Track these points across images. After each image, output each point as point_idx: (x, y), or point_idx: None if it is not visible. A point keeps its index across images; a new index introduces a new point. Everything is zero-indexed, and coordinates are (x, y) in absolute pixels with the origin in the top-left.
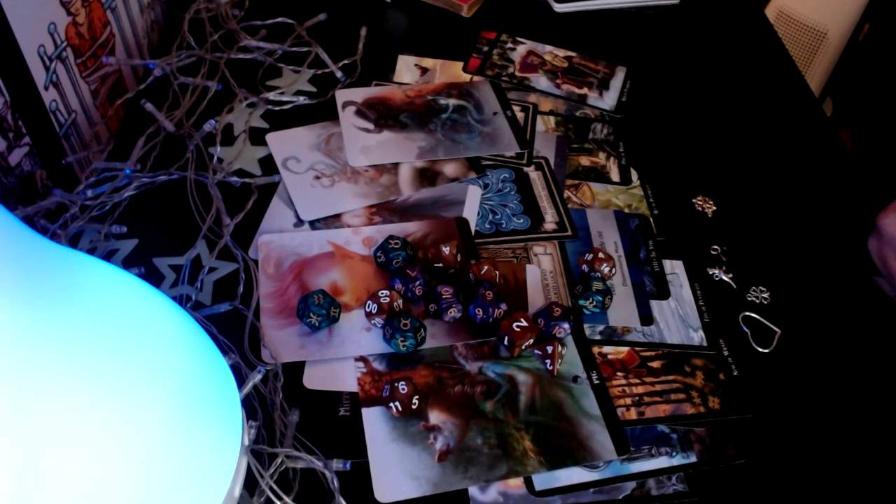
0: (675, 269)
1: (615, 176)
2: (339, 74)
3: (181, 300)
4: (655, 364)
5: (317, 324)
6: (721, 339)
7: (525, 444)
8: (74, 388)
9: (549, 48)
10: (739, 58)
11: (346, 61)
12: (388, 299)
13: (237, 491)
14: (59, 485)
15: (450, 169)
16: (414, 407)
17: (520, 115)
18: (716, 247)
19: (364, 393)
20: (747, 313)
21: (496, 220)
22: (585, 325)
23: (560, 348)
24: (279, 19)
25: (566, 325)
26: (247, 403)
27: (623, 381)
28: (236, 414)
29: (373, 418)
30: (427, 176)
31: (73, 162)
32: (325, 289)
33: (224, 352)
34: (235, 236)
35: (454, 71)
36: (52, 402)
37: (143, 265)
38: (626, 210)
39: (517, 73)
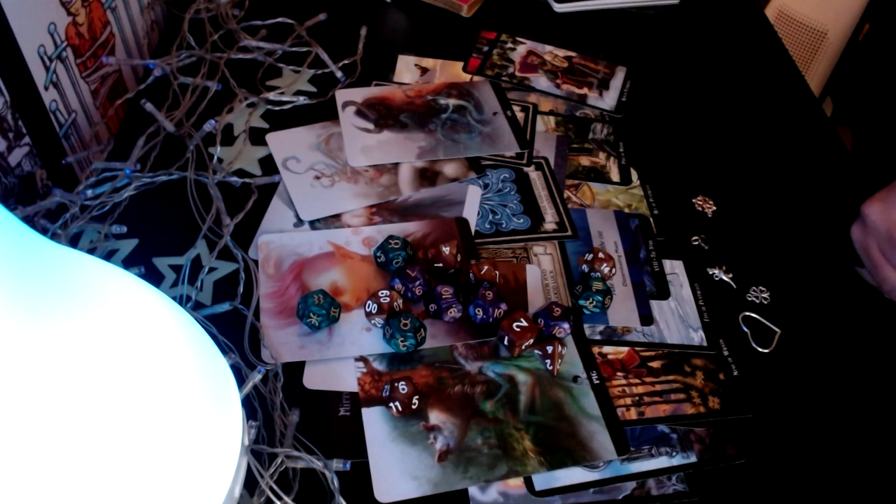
0: (675, 269)
1: (615, 176)
2: (339, 74)
3: (181, 300)
4: (655, 364)
5: (317, 324)
6: (721, 339)
7: (525, 444)
8: (74, 388)
9: (549, 48)
10: (739, 58)
11: (346, 61)
12: (388, 299)
13: (237, 491)
14: (59, 485)
15: (450, 169)
16: (414, 407)
17: (520, 115)
18: (696, 237)
19: (364, 393)
20: (747, 313)
21: (496, 220)
22: (585, 325)
23: (560, 348)
24: (279, 19)
25: (566, 325)
26: (247, 403)
27: (623, 381)
28: (236, 414)
29: (373, 418)
30: (427, 176)
31: (73, 162)
32: (325, 289)
33: (224, 352)
34: (235, 236)
35: (454, 71)
36: (52, 403)
37: (143, 265)
38: (626, 210)
39: (517, 73)
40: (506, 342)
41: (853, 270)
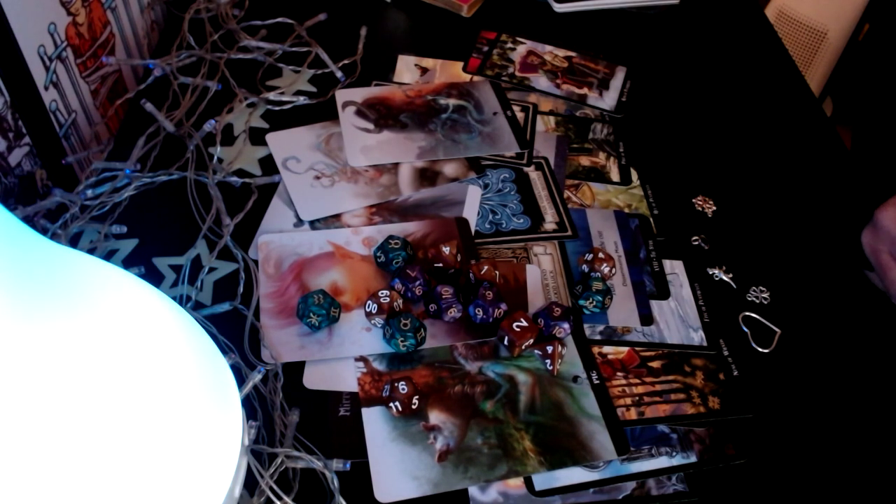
0: (675, 269)
1: (615, 176)
2: (339, 74)
3: (181, 300)
4: (655, 364)
5: (317, 324)
6: (721, 339)
7: (525, 444)
8: (74, 388)
9: (549, 48)
10: (739, 58)
11: (346, 61)
12: (388, 299)
13: (237, 491)
14: (59, 485)
15: (450, 169)
16: (414, 407)
17: (520, 115)
18: (696, 237)
19: (364, 393)
20: (747, 313)
21: (496, 220)
22: (585, 325)
23: (560, 348)
24: (279, 19)
25: (566, 325)
26: (247, 403)
27: (623, 381)
28: (236, 414)
29: (373, 418)
30: (427, 176)
31: (73, 162)
32: (325, 289)
33: (224, 352)
34: (235, 236)
35: (454, 71)
36: (52, 402)
37: (143, 265)
38: (626, 210)
39: (517, 73)
40: (506, 342)
41: (854, 272)
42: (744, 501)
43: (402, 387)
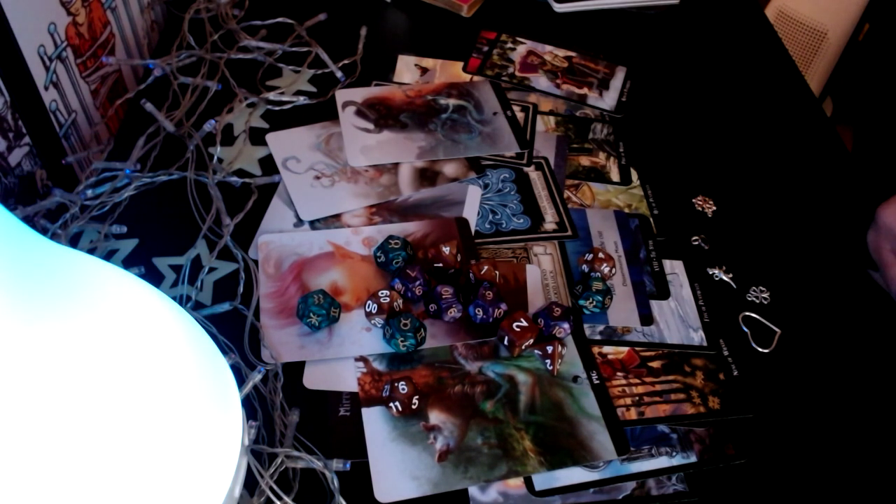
0: (675, 269)
1: (615, 176)
2: (339, 74)
3: (181, 300)
4: (655, 364)
5: (317, 324)
6: (721, 339)
7: (525, 444)
8: (74, 388)
9: (549, 48)
10: (739, 58)
11: (346, 61)
12: (388, 299)
13: (237, 491)
14: (59, 485)
15: (450, 169)
16: (414, 407)
17: (520, 115)
18: (696, 237)
19: (364, 393)
20: (747, 313)
21: (496, 220)
22: (585, 325)
23: (560, 348)
24: (279, 19)
25: (566, 325)
26: (247, 403)
27: (623, 381)
28: (236, 414)
29: (373, 418)
30: (427, 176)
31: (73, 162)
32: (325, 289)
33: (224, 352)
34: (235, 236)
35: (454, 71)
36: (52, 402)
37: (143, 265)
38: (626, 210)
39: (517, 73)
40: (506, 342)
41: (854, 271)
42: (744, 501)
43: (402, 387)
